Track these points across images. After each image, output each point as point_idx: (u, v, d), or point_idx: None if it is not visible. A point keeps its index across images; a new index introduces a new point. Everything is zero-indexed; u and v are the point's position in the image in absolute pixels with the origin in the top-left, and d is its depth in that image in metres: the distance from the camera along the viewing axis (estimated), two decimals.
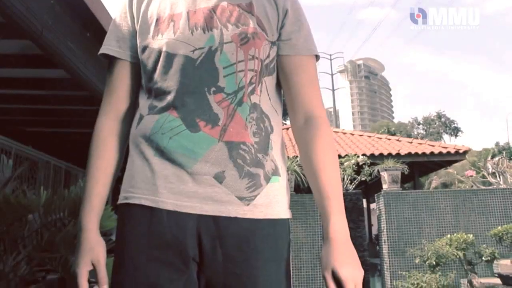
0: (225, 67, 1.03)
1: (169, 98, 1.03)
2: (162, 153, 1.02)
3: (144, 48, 1.09)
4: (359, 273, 0.99)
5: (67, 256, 2.19)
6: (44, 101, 5.61)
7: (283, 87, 1.15)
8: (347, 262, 0.99)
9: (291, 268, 1.11)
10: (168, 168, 1.01)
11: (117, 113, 1.16)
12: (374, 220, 15.30)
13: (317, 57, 1.16)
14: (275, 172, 1.08)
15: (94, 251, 1.07)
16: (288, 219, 1.10)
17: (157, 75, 1.06)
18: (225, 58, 1.03)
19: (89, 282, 1.08)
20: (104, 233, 2.23)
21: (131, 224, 1.03)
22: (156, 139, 1.02)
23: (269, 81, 1.11)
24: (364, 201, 14.61)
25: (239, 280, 0.99)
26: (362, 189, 5.09)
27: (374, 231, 14.85)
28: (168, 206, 1.00)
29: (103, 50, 1.15)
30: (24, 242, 2.43)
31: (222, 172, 1.00)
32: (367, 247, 4.92)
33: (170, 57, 1.04)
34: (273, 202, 1.05)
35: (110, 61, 1.16)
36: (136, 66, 1.13)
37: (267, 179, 1.05)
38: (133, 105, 1.17)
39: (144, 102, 1.10)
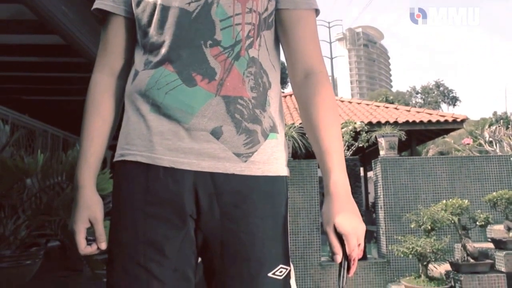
0: (221, 20, 1.00)
1: (164, 52, 1.01)
2: (158, 108, 1.00)
3: (139, 2, 1.06)
4: (361, 226, 0.99)
5: (66, 220, 2.21)
6: (39, 69, 5.54)
7: (281, 42, 1.12)
8: (348, 216, 0.99)
9: (288, 226, 1.12)
10: (164, 124, 0.99)
11: (112, 70, 1.13)
12: (371, 189, 15.44)
13: (316, 12, 1.13)
14: (273, 129, 1.06)
15: (91, 208, 1.07)
16: (285, 176, 1.10)
17: (152, 29, 1.03)
18: (222, 10, 1.00)
19: (87, 240, 1.07)
20: (103, 197, 2.24)
21: (127, 181, 1.02)
22: (152, 95, 1.00)
23: (268, 36, 1.08)
24: (362, 169, 14.70)
25: (237, 237, 0.99)
26: (360, 157, 5.10)
27: (371, 199, 15.00)
28: (165, 162, 0.98)
29: (97, 5, 1.12)
30: (23, 207, 2.45)
31: (219, 127, 0.98)
32: (363, 213, 4.97)
33: (165, 10, 1.01)
34: (270, 159, 1.04)
35: (104, 17, 1.13)
36: (131, 22, 1.11)
37: (265, 136, 1.03)
38: (129, 62, 1.14)
39: (139, 58, 1.07)
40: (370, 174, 15.54)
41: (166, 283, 0.98)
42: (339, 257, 0.98)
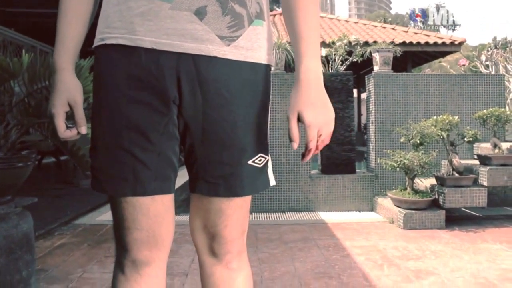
0: None
1: None
2: None
3: None
4: (326, 118, 0.99)
5: None
6: None
7: None
8: (314, 106, 0.98)
9: (269, 115, 1.12)
10: (146, 4, 0.94)
11: None
12: (363, 111, 15.53)
13: None
14: (259, 16, 1.03)
15: (70, 91, 1.05)
16: (269, 65, 1.09)
17: None
18: None
19: (66, 126, 1.06)
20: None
21: (109, 66, 1.00)
22: None
23: None
24: (355, 91, 14.66)
25: (218, 125, 1.00)
26: (354, 78, 5.05)
27: (364, 121, 15.13)
28: (146, 44, 0.95)
29: None
30: (12, 112, 2.44)
31: (204, 6, 0.94)
32: (354, 128, 5.01)
33: None
34: (254, 46, 1.02)
35: None
36: None
37: (250, 21, 1.01)
38: None
39: None
40: (363, 96, 15.55)
41: (151, 168, 0.99)
42: (295, 145, 0.99)
